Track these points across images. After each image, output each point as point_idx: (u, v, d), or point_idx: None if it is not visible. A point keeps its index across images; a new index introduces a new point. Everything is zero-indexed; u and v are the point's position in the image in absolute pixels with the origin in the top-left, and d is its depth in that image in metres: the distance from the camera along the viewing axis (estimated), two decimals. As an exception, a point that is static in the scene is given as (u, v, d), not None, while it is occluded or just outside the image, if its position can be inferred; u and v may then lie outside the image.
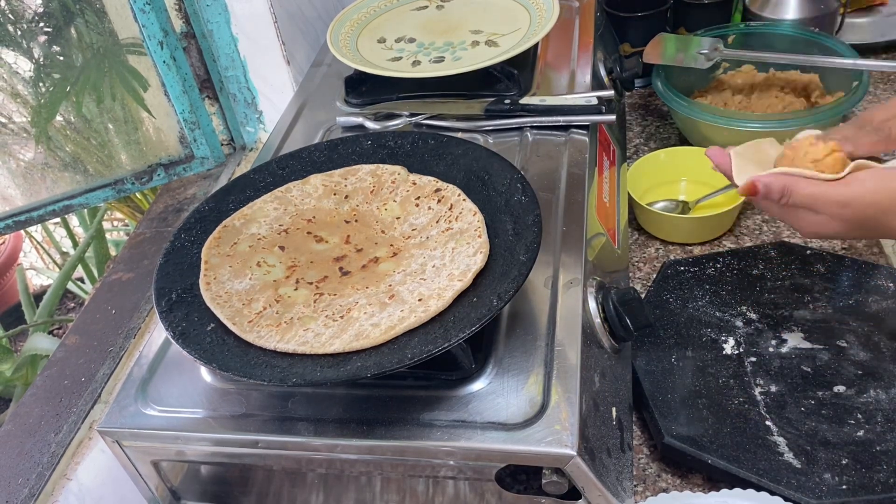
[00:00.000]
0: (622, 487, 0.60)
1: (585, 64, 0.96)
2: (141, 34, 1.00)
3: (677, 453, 0.69)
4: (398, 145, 0.77)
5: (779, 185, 0.62)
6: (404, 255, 0.66)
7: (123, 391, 0.66)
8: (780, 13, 1.13)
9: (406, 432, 0.58)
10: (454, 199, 0.69)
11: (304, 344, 0.58)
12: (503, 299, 0.57)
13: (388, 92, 0.94)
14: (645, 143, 1.12)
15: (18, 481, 0.73)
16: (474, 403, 0.59)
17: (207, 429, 0.62)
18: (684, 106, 0.98)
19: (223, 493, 0.70)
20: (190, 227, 0.71)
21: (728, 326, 0.78)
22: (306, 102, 0.99)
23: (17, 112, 1.08)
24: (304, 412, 0.61)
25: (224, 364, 0.58)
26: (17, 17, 1.02)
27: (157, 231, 1.03)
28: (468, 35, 0.98)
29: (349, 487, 0.65)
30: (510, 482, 0.60)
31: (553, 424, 0.56)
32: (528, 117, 0.86)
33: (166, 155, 1.11)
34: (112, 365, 0.83)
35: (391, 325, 0.58)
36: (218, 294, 0.64)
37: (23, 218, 1.04)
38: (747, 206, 0.97)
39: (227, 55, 1.08)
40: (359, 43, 0.99)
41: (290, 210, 0.73)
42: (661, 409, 0.71)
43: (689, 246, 0.94)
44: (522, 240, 0.63)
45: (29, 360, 1.45)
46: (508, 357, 0.62)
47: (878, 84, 1.16)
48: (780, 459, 0.66)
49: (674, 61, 1.02)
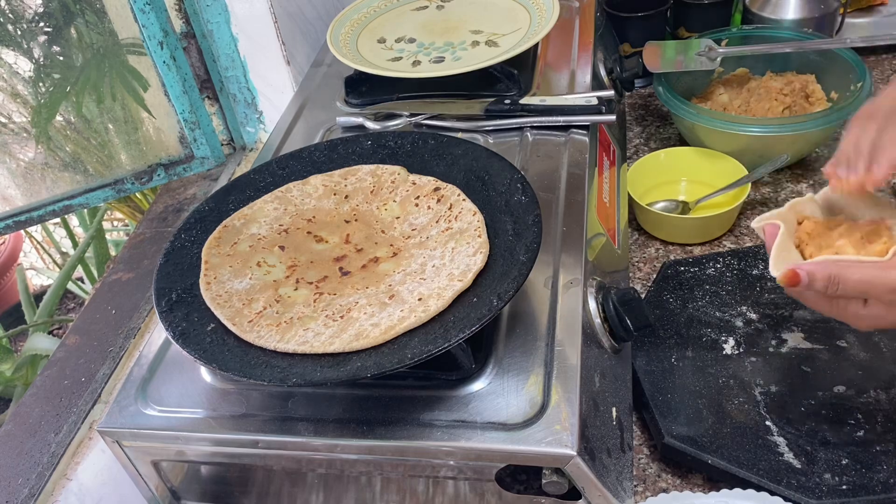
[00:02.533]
0: (622, 487, 0.60)
1: (585, 64, 0.96)
2: (141, 34, 1.00)
3: (677, 453, 0.69)
4: (398, 145, 0.77)
5: (824, 273, 0.55)
6: (404, 255, 0.67)
7: (123, 391, 0.66)
8: (780, 13, 1.13)
9: (406, 432, 0.58)
10: (454, 198, 0.69)
11: (303, 344, 0.58)
12: (503, 299, 0.57)
13: (388, 92, 0.94)
14: (645, 143, 1.12)
15: (18, 481, 0.73)
16: (474, 403, 0.59)
17: (207, 429, 0.62)
18: (685, 110, 0.98)
19: (223, 493, 0.70)
20: (190, 227, 0.71)
21: (728, 326, 0.78)
22: (306, 102, 0.99)
23: (17, 112, 1.08)
24: (304, 412, 0.61)
25: (224, 364, 0.58)
26: (17, 17, 1.02)
27: (157, 231, 1.03)
28: (468, 35, 0.98)
29: (349, 487, 0.65)
30: (510, 482, 0.60)
31: (553, 424, 0.56)
32: (528, 117, 0.86)
33: (166, 155, 1.11)
34: (112, 365, 0.83)
35: (391, 325, 0.58)
36: (218, 294, 0.64)
37: (23, 218, 1.04)
38: (747, 206, 0.98)
39: (227, 55, 1.08)
40: (359, 43, 0.99)
41: (290, 210, 0.73)
42: (661, 409, 0.71)
43: (689, 246, 0.94)
44: (522, 240, 0.63)
45: (29, 360, 1.45)
46: (508, 357, 0.62)
47: (878, 84, 1.16)
48: (780, 459, 0.66)
49: (673, 65, 1.02)
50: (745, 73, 1.10)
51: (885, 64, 1.20)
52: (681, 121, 1.02)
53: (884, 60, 1.21)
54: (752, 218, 0.96)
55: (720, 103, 1.06)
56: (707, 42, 1.03)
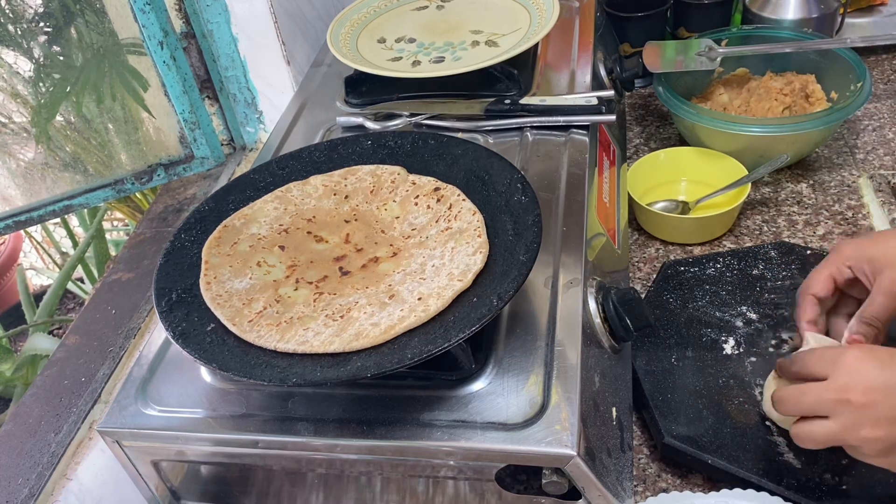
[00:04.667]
0: (622, 487, 0.60)
1: (585, 64, 0.96)
2: (141, 34, 1.00)
3: (677, 453, 0.69)
4: (398, 145, 0.77)
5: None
6: (404, 255, 0.67)
7: (123, 391, 0.66)
8: (780, 13, 1.13)
9: (406, 432, 0.58)
10: (453, 199, 0.69)
11: (303, 343, 0.58)
12: (503, 299, 0.57)
13: (388, 92, 0.94)
14: (645, 143, 1.12)
15: (18, 481, 0.73)
16: (474, 403, 0.59)
17: (207, 429, 0.62)
18: (685, 110, 0.98)
19: (223, 493, 0.70)
20: (190, 227, 0.71)
21: (728, 326, 0.78)
22: (306, 102, 0.99)
23: (17, 112, 1.08)
24: (304, 412, 0.61)
25: (224, 364, 0.58)
26: (17, 17, 1.02)
27: (157, 231, 1.03)
28: (468, 35, 0.98)
29: (349, 487, 0.65)
30: (510, 482, 0.60)
31: (553, 424, 0.56)
32: (528, 117, 0.86)
33: (166, 155, 1.11)
34: (112, 365, 0.83)
35: (391, 325, 0.58)
36: (218, 294, 0.64)
37: (23, 218, 1.04)
38: (747, 206, 0.98)
39: (227, 55, 1.08)
40: (359, 43, 0.99)
41: (290, 210, 0.73)
42: (661, 409, 0.71)
43: (689, 246, 0.94)
44: (522, 240, 0.62)
45: (29, 360, 1.45)
46: (508, 357, 0.62)
47: (879, 84, 1.16)
48: (780, 459, 0.66)
49: (674, 65, 1.02)
50: (745, 73, 1.10)
51: (885, 64, 1.20)
52: (681, 121, 1.02)
53: (884, 60, 1.21)
54: (752, 218, 0.96)
55: (720, 103, 1.06)
56: (707, 42, 1.03)
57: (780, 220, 0.95)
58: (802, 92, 1.04)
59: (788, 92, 1.03)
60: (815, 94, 1.03)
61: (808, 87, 1.04)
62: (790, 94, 1.03)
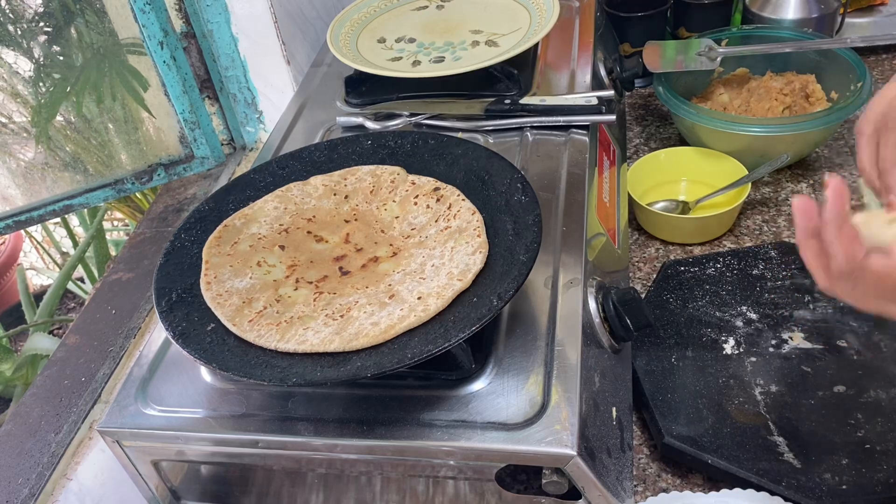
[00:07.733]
0: (622, 487, 0.60)
1: (585, 64, 0.96)
2: (141, 34, 1.00)
3: (677, 453, 0.69)
4: (398, 145, 0.77)
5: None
6: (404, 255, 0.67)
7: (123, 391, 0.66)
8: (780, 13, 1.13)
9: (406, 432, 0.58)
10: (453, 198, 0.69)
11: (303, 343, 0.58)
12: (503, 299, 0.57)
13: (388, 92, 0.94)
14: (645, 143, 1.12)
15: (18, 481, 0.73)
16: (474, 403, 0.59)
17: (207, 429, 0.62)
18: (685, 110, 0.98)
19: (223, 493, 0.70)
20: (190, 226, 0.71)
21: (728, 326, 0.78)
22: (306, 102, 0.99)
23: (17, 112, 1.08)
24: (304, 412, 0.61)
25: (224, 364, 0.58)
26: (17, 17, 1.02)
27: (157, 231, 1.03)
28: (468, 35, 0.98)
29: (349, 487, 0.65)
30: (510, 482, 0.60)
31: (553, 424, 0.56)
32: (528, 117, 0.86)
33: (166, 155, 1.11)
34: (112, 365, 0.83)
35: (391, 324, 0.58)
36: (218, 293, 0.64)
37: (23, 218, 1.04)
38: (747, 205, 0.97)
39: (227, 55, 1.08)
40: (359, 43, 0.99)
41: (290, 210, 0.73)
42: (661, 409, 0.71)
43: (689, 246, 0.94)
44: (522, 240, 0.62)
45: (29, 360, 1.45)
46: (508, 357, 0.62)
47: (879, 84, 1.16)
48: (780, 459, 0.66)
49: (674, 65, 1.02)
50: (745, 73, 1.10)
51: (885, 64, 1.20)
52: (681, 121, 1.02)
53: (884, 60, 1.21)
54: (752, 218, 0.96)
55: (720, 103, 1.06)
56: (707, 42, 1.03)
57: (780, 220, 0.95)
58: (802, 92, 1.04)
59: (788, 92, 1.03)
60: (816, 94, 1.03)
61: (808, 87, 1.04)
62: (790, 94, 1.03)
